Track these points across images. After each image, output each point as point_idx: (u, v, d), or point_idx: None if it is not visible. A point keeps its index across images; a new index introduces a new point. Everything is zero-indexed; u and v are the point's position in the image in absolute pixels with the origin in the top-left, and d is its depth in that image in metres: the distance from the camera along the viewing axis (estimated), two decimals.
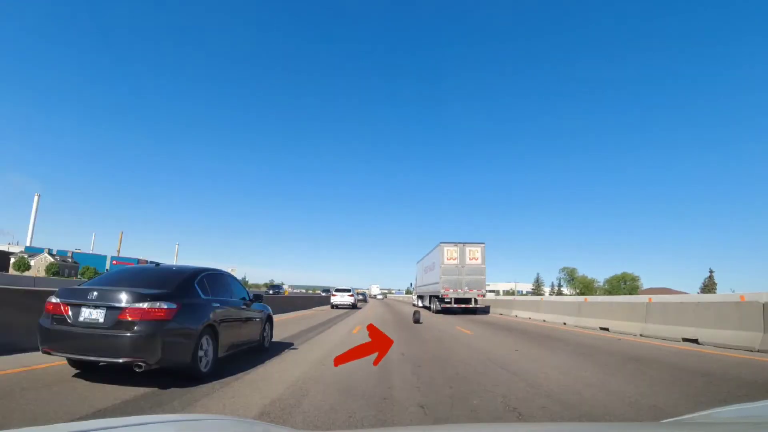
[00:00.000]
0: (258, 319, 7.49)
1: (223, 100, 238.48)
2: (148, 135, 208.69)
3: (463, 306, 24.81)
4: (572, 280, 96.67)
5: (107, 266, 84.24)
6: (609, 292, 77.75)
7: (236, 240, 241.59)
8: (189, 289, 5.43)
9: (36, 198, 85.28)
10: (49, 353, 4.73)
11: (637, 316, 13.02)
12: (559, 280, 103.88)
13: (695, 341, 10.36)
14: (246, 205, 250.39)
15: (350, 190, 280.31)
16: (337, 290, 32.58)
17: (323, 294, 45.01)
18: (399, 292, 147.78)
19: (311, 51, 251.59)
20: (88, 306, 4.67)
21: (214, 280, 6.18)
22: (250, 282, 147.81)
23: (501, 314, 24.98)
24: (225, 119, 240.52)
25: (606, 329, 13.88)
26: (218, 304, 5.84)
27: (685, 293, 55.46)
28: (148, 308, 4.66)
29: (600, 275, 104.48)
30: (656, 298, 20.47)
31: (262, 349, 7.69)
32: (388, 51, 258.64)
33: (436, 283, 26.50)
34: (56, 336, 4.67)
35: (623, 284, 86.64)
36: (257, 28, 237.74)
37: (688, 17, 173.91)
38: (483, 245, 26.00)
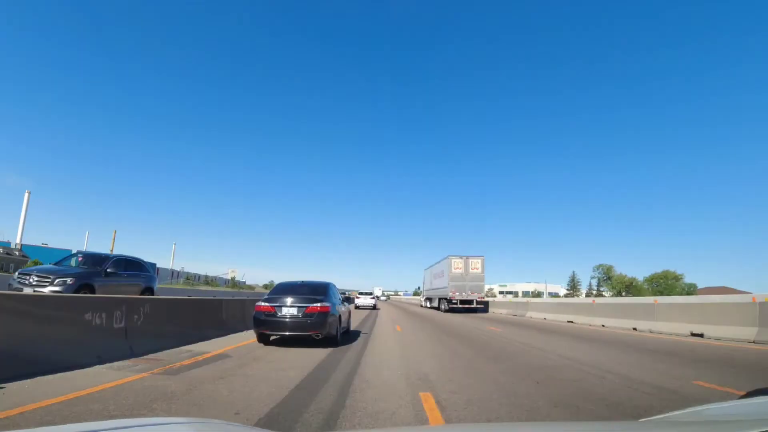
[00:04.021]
0: (347, 312, 11.48)
1: (222, 99, 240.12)
2: (144, 133, 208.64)
3: (466, 306, 30.04)
4: (609, 279, 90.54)
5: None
6: (660, 293, 71.07)
7: (234, 241, 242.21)
8: (328, 294, 9.30)
9: (26, 195, 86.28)
10: (264, 333, 8.72)
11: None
12: (598, 280, 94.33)
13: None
14: (244, 205, 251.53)
15: (350, 191, 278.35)
16: (361, 293, 39.06)
17: None
18: (407, 293, 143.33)
19: (313, 52, 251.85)
20: (286, 306, 8.67)
21: (332, 289, 10.04)
22: (248, 282, 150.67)
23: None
24: (224, 118, 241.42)
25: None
26: (337, 303, 9.75)
27: (747, 293, 48.02)
28: (320, 306, 8.65)
29: (640, 273, 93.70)
30: (710, 298, 20.85)
31: (348, 332, 11.56)
32: (392, 51, 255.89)
33: (445, 287, 31.50)
34: (268, 323, 8.61)
35: (662, 283, 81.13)
36: (264, 30, 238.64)
37: (686, 15, 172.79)
38: (483, 257, 31.50)
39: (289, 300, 8.73)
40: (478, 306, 30.54)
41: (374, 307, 35.58)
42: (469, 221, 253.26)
